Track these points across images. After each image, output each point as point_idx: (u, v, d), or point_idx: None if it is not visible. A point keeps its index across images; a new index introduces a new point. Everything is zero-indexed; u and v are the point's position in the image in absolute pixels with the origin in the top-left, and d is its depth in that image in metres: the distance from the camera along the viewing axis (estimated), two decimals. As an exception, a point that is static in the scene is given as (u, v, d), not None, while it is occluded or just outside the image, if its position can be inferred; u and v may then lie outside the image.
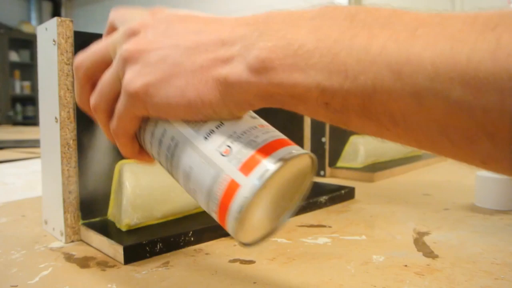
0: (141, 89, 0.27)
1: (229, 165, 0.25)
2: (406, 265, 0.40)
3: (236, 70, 0.24)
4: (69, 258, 0.44)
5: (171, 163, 0.29)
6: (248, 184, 0.24)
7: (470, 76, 0.17)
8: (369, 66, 0.20)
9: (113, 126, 0.30)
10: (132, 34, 0.28)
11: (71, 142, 0.48)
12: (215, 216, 0.27)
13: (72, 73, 0.47)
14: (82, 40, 0.48)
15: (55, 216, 0.50)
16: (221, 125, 0.27)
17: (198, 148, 0.27)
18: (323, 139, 0.92)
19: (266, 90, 0.24)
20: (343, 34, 0.21)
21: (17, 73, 4.90)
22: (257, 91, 0.24)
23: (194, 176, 0.27)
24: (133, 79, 0.27)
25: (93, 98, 0.31)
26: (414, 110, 0.20)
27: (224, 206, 0.25)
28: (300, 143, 0.76)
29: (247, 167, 0.24)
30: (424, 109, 0.19)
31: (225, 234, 0.49)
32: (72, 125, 0.48)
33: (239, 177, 0.24)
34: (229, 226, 0.26)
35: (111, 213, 0.51)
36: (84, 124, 0.49)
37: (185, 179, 0.28)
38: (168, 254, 0.44)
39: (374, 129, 0.23)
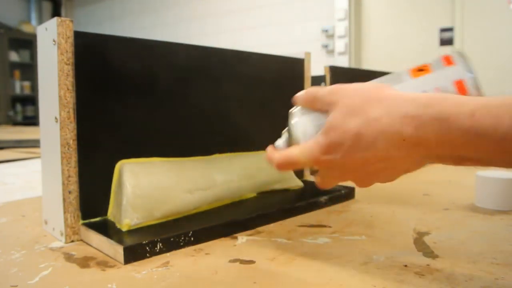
0: None
1: None
2: (406, 265, 0.40)
3: None
4: (69, 258, 0.44)
5: None
6: None
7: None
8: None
9: None
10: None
11: (71, 142, 0.48)
12: None
13: (72, 73, 0.47)
14: (82, 40, 0.48)
15: (55, 216, 0.50)
16: None
17: None
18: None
19: None
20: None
21: (17, 73, 4.89)
22: None
23: None
24: None
25: None
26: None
27: None
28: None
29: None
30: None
31: (225, 234, 0.49)
32: (72, 125, 0.48)
33: None
34: None
35: (111, 213, 0.51)
36: (84, 124, 0.49)
37: None
38: (168, 254, 0.44)
39: None
